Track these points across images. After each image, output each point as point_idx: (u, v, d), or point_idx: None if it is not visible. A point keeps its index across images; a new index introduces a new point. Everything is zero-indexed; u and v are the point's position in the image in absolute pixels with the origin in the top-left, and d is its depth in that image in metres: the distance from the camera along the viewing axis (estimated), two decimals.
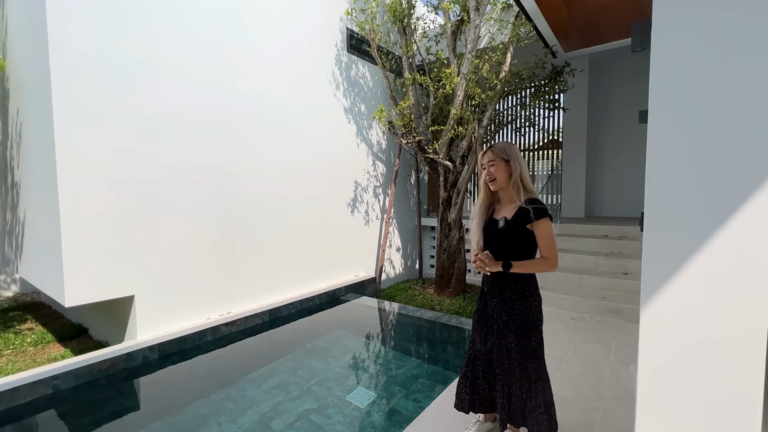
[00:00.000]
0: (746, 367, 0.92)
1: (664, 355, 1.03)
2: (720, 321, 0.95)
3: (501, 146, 1.97)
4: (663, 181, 1.02)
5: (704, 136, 0.97)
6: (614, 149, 7.38)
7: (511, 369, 1.91)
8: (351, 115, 6.28)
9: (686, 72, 0.98)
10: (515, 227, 1.88)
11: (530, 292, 1.92)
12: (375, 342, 4.63)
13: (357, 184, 6.46)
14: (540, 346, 1.95)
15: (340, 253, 6.15)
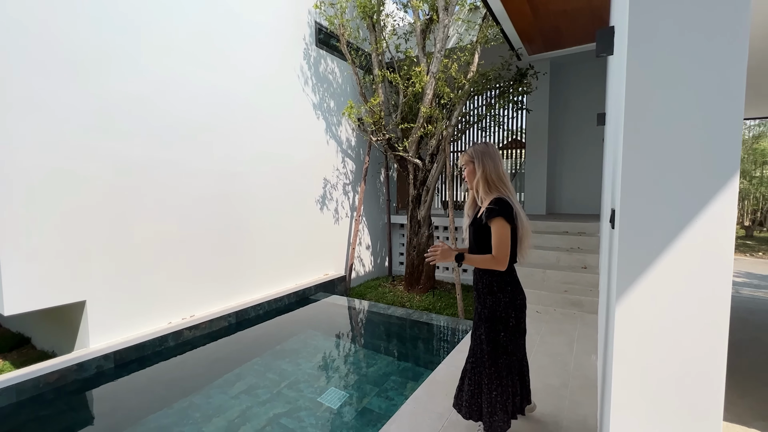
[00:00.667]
0: (712, 354, 0.98)
1: (637, 345, 1.08)
2: (689, 312, 1.01)
3: (470, 148, 2.05)
4: (638, 180, 1.06)
5: (674, 137, 1.02)
6: (573, 149, 7.75)
7: (481, 359, 2.00)
8: (320, 111, 6.16)
9: (659, 76, 1.03)
10: (479, 225, 1.97)
11: (498, 288, 1.97)
12: (346, 341, 4.59)
13: (326, 182, 6.36)
14: (510, 339, 1.99)
15: (309, 252, 6.03)
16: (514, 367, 2.05)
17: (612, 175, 2.31)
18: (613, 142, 3.29)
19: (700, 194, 1.00)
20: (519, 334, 2.04)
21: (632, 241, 1.08)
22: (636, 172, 1.07)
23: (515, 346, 2.02)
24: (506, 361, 2.00)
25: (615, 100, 2.31)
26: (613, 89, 2.71)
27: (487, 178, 1.99)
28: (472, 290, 2.15)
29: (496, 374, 1.98)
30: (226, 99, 4.66)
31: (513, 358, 2.03)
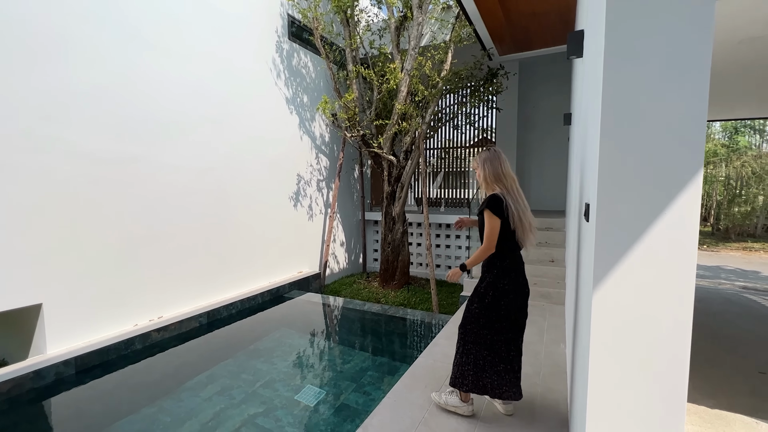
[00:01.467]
0: (679, 337, 1.07)
1: (613, 331, 1.15)
2: (659, 298, 1.09)
3: (480, 155, 2.35)
4: (614, 176, 1.13)
5: (646, 136, 1.09)
6: (540, 148, 8.05)
7: (464, 332, 2.30)
8: (293, 105, 6.05)
9: (633, 77, 1.09)
10: (479, 216, 2.28)
11: (488, 269, 2.27)
12: (321, 338, 4.56)
13: (300, 178, 6.26)
14: (487, 312, 2.20)
15: (283, 250, 5.93)
16: (484, 344, 2.23)
17: (582, 171, 2.43)
18: (581, 141, 3.44)
19: (669, 189, 1.07)
20: (496, 317, 2.20)
21: (608, 234, 1.15)
22: (612, 169, 1.13)
23: (488, 324, 2.21)
24: (474, 334, 2.23)
25: (583, 101, 2.43)
26: (580, 90, 2.85)
27: (486, 179, 2.27)
28: None
29: (462, 341, 2.29)
30: (195, 91, 4.48)
31: (484, 333, 2.22)
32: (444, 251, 7.54)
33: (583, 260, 1.68)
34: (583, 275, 1.60)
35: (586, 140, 2.06)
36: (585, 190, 1.83)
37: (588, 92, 1.92)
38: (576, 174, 4.31)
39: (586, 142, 2.34)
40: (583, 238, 1.72)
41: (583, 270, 1.67)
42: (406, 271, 6.65)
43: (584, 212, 1.51)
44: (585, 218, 1.50)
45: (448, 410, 2.36)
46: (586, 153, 2.12)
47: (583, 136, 2.89)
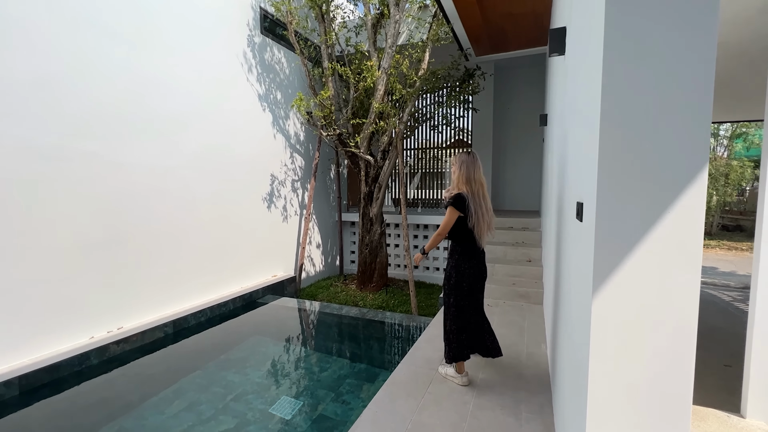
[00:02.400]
0: (684, 342, 1.00)
1: (615, 337, 1.07)
2: (665, 301, 1.02)
3: (455, 157, 2.72)
4: (616, 173, 1.06)
5: (649, 134, 1.03)
6: (515, 149, 8.17)
7: (445, 309, 2.80)
8: (266, 102, 5.81)
9: (635, 72, 1.03)
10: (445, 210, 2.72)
11: (450, 255, 2.78)
12: (297, 345, 4.37)
13: (274, 178, 6.03)
14: (455, 290, 2.71)
15: (256, 253, 5.67)
16: (458, 315, 2.73)
17: (564, 170, 2.39)
18: (560, 140, 3.44)
19: (674, 187, 1.01)
20: (461, 293, 2.71)
21: (611, 235, 1.08)
22: (614, 167, 1.06)
23: (457, 299, 2.72)
24: (451, 310, 2.74)
25: (566, 99, 2.38)
26: (561, 89, 2.83)
27: (458, 178, 2.67)
28: None
29: (445, 319, 2.78)
30: (157, 83, 4.18)
31: (457, 306, 2.73)
32: None
33: (574, 262, 1.62)
34: (575, 278, 1.54)
35: (570, 139, 2.01)
36: (573, 189, 1.78)
37: (575, 90, 1.87)
38: (554, 173, 4.35)
39: (568, 141, 2.31)
40: (573, 239, 1.66)
41: (573, 272, 1.60)
42: (384, 272, 6.54)
43: (576, 212, 1.45)
44: (578, 218, 1.43)
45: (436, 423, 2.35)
46: (570, 151, 2.08)
47: (563, 135, 2.88)
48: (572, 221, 1.75)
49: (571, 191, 1.86)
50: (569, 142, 2.15)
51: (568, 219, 2.18)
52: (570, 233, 1.87)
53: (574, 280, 1.57)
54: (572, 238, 1.71)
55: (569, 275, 1.78)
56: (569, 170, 2.15)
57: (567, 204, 2.34)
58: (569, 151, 2.27)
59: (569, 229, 1.92)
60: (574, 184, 1.74)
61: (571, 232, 1.81)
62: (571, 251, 1.74)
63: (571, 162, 2.03)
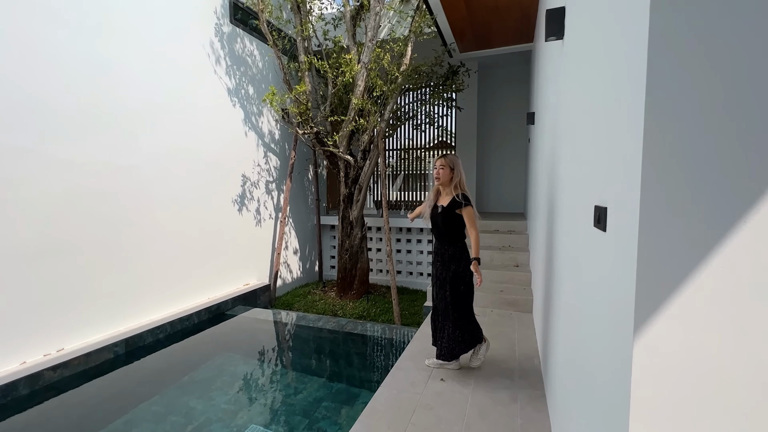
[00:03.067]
0: (754, 394, 0.71)
1: (672, 393, 0.77)
2: (728, 339, 0.73)
3: (451, 157, 2.81)
4: (665, 176, 0.77)
5: (712, 131, 0.74)
6: (499, 149, 7.97)
7: (446, 311, 2.78)
8: (236, 97, 5.38)
9: (700, 57, 0.74)
10: (448, 212, 2.77)
11: (460, 255, 2.80)
12: (269, 363, 3.97)
13: (245, 179, 5.60)
14: (468, 293, 2.82)
15: (226, 260, 5.23)
16: (469, 312, 2.85)
17: (554, 171, 2.12)
18: (551, 137, 3.18)
19: (749, 193, 0.72)
20: (472, 291, 2.84)
21: (661, 253, 0.78)
22: (668, 166, 0.77)
23: (470, 297, 2.83)
24: (464, 309, 2.81)
25: (566, 90, 2.09)
26: (557, 79, 2.55)
27: (461, 180, 2.78)
28: (435, 264, 2.91)
29: (458, 319, 2.79)
30: (107, 72, 3.72)
31: (469, 305, 2.85)
32: (405, 257, 7.18)
33: (591, 279, 1.33)
34: (596, 301, 1.24)
35: (575, 134, 1.72)
36: (583, 191, 1.49)
37: (583, 79, 1.58)
38: (543, 174, 4.12)
39: (569, 136, 2.04)
40: (589, 250, 1.37)
41: (592, 293, 1.30)
42: (365, 279, 6.19)
43: (596, 219, 1.15)
44: (598, 226, 1.14)
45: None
46: (571, 149, 1.80)
47: (555, 131, 2.61)
48: (583, 228, 1.45)
49: (580, 193, 1.57)
50: (573, 137, 1.87)
51: (566, 224, 1.90)
52: (578, 242, 1.58)
53: (593, 303, 1.27)
54: (586, 249, 1.41)
55: (582, 295, 1.48)
56: (572, 170, 1.87)
57: (564, 207, 2.07)
58: (566, 148, 2.00)
59: (577, 238, 1.62)
60: (585, 185, 1.45)
61: (581, 241, 1.52)
62: (584, 265, 1.45)
63: (575, 160, 1.75)
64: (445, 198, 2.81)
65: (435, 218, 2.83)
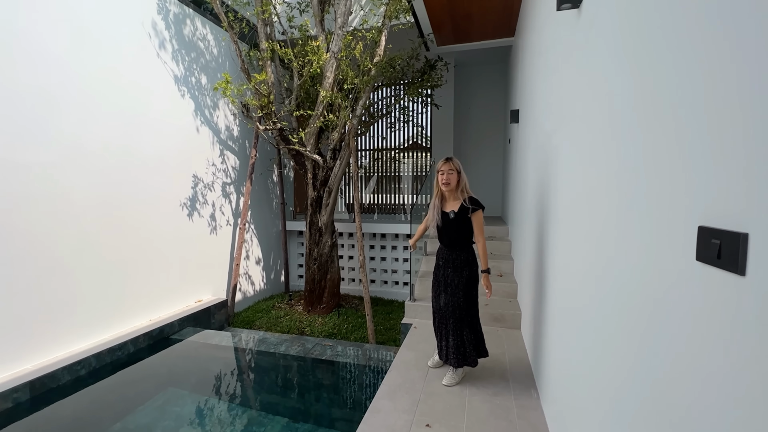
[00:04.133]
0: None
1: None
2: None
3: (457, 161, 2.70)
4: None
5: None
6: (475, 150, 7.65)
7: (461, 317, 2.69)
8: (186, 87, 4.68)
9: None
10: (461, 217, 2.64)
11: (472, 259, 2.75)
12: (223, 400, 3.33)
13: (197, 180, 4.90)
14: (476, 294, 2.78)
15: (172, 274, 4.51)
16: (477, 317, 2.83)
17: (657, 173, 1.66)
18: (540, 136, 2.76)
19: None
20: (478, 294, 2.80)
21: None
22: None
23: (477, 301, 2.80)
24: (474, 313, 2.78)
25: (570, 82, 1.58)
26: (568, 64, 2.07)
27: (467, 185, 2.71)
28: (441, 269, 2.82)
29: (474, 324, 2.77)
30: (19, 53, 2.98)
31: (477, 308, 2.82)
32: (380, 264, 6.68)
33: (671, 334, 0.87)
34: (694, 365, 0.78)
35: (635, 125, 1.26)
36: (654, 205, 1.04)
37: (656, 51, 1.14)
38: (532, 177, 3.74)
39: (624, 126, 1.60)
40: (685, 293, 0.90)
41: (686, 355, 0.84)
42: (336, 291, 5.64)
43: (718, 252, 0.69)
44: (728, 265, 0.68)
45: None
46: (636, 144, 1.35)
47: (558, 125, 2.16)
48: (655, 257, 1.00)
49: (639, 207, 1.12)
50: (610, 130, 1.43)
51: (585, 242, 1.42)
52: (643, 277, 1.12)
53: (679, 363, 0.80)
54: (669, 290, 0.95)
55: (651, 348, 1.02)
56: (607, 171, 1.43)
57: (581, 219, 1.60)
58: (589, 145, 1.57)
59: (640, 271, 1.17)
60: (659, 196, 1.00)
61: (650, 276, 1.06)
62: (660, 311, 0.99)
63: (612, 159, 1.31)
64: (453, 203, 2.70)
65: (447, 225, 2.70)
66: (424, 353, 3.28)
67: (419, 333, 3.78)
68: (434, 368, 3.00)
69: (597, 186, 1.54)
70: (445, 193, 2.73)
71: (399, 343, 4.24)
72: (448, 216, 2.68)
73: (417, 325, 3.99)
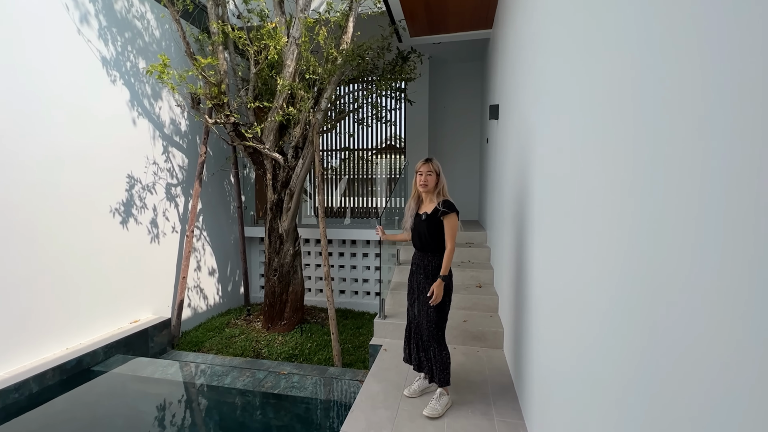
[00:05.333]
0: None
1: None
2: None
3: (437, 163, 2.62)
4: None
5: None
6: (451, 151, 7.28)
7: (430, 330, 2.51)
8: (117, 72, 4.01)
9: None
10: (433, 220, 2.52)
11: None
12: None
13: (134, 181, 4.21)
14: (448, 304, 2.57)
15: (98, 290, 3.81)
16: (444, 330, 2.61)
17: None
18: (526, 132, 2.35)
19: None
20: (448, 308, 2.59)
21: None
22: None
23: (446, 316, 2.59)
24: (444, 326, 2.57)
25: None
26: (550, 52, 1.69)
27: (444, 188, 2.60)
28: (414, 276, 2.64)
29: (436, 338, 2.51)
30: None
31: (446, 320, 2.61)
32: (350, 273, 6.14)
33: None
34: None
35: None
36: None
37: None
38: (512, 177, 3.35)
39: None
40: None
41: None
42: (299, 305, 5.05)
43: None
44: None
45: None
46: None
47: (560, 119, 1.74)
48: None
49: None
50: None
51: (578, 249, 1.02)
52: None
53: None
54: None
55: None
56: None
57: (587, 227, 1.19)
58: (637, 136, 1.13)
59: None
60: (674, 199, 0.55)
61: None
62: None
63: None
64: (428, 205, 2.59)
65: (418, 227, 2.58)
66: (394, 385, 2.78)
67: (390, 357, 3.27)
68: (412, 398, 2.63)
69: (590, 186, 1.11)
70: (422, 194, 2.63)
71: (368, 364, 3.73)
72: (420, 218, 2.58)
73: (388, 347, 3.49)
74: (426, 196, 2.62)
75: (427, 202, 2.62)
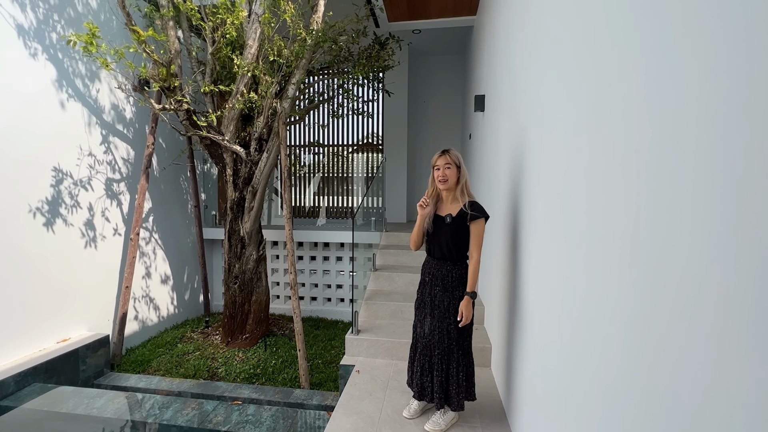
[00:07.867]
0: None
1: None
2: None
3: (456, 153, 2.22)
4: None
5: None
6: (431, 148, 6.91)
7: (450, 348, 2.18)
8: (39, 44, 3.36)
9: None
10: (458, 224, 2.17)
11: (468, 277, 2.19)
12: None
13: (61, 175, 3.57)
14: (472, 324, 2.23)
15: (11, 306, 3.16)
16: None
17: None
18: (522, 123, 2.00)
19: None
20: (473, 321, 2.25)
21: None
22: None
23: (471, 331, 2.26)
24: (469, 341, 2.24)
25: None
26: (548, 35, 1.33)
27: (467, 182, 2.22)
28: (428, 287, 2.25)
29: (465, 356, 2.21)
30: None
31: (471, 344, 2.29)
32: (322, 278, 5.65)
33: None
34: None
35: None
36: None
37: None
38: (504, 175, 2.98)
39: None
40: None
41: None
42: (263, 316, 4.52)
43: None
44: None
45: None
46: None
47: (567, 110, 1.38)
48: None
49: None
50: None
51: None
52: None
53: None
54: None
55: None
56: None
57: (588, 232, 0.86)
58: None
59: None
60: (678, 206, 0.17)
61: None
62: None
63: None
64: (451, 206, 2.23)
65: (439, 232, 2.23)
66: (368, 420, 2.33)
67: (363, 381, 2.82)
68: (411, 418, 2.37)
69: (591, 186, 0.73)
70: (442, 193, 2.26)
71: (339, 386, 3.26)
72: (443, 221, 2.21)
73: (361, 367, 3.04)
74: (447, 194, 2.25)
75: (448, 201, 2.25)
